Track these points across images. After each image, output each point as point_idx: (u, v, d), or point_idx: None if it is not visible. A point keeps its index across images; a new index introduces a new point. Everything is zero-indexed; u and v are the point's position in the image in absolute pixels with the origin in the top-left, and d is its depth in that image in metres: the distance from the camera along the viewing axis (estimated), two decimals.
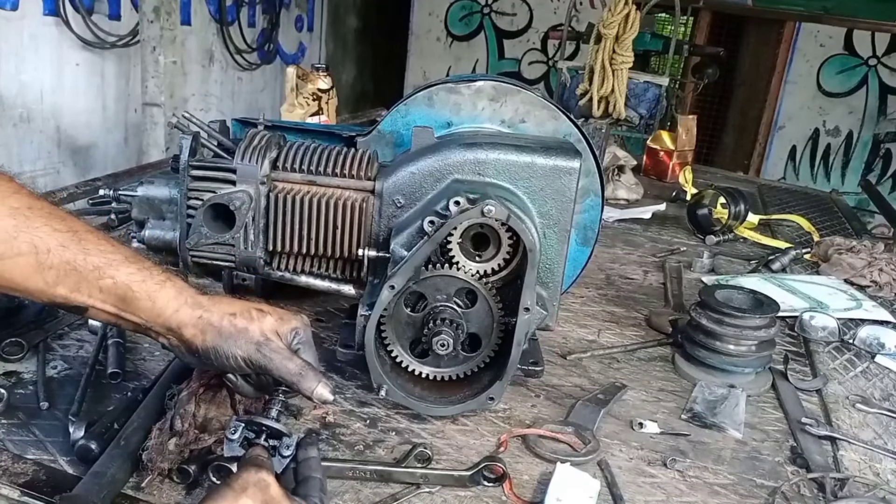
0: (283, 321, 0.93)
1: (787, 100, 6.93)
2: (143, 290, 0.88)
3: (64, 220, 0.88)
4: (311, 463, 0.86)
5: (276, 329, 0.91)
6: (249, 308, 0.92)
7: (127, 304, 0.88)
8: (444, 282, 1.10)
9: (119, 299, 0.88)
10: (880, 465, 1.16)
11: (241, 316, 0.90)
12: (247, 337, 0.89)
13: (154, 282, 0.89)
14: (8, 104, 4.08)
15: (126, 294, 0.88)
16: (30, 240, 0.84)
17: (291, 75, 2.36)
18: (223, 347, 0.88)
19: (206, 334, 0.88)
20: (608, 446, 1.14)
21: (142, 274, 0.89)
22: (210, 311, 0.89)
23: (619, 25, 3.23)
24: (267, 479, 0.76)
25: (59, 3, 4.24)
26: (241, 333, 0.89)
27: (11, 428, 1.02)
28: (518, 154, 1.15)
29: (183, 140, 1.17)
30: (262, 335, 0.89)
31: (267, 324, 0.91)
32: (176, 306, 0.89)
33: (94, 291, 0.87)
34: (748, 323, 1.34)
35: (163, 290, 0.89)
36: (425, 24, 7.78)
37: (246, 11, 6.17)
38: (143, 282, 0.89)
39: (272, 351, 0.89)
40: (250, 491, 0.74)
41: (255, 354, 0.88)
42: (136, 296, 0.88)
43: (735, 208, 2.35)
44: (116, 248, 0.90)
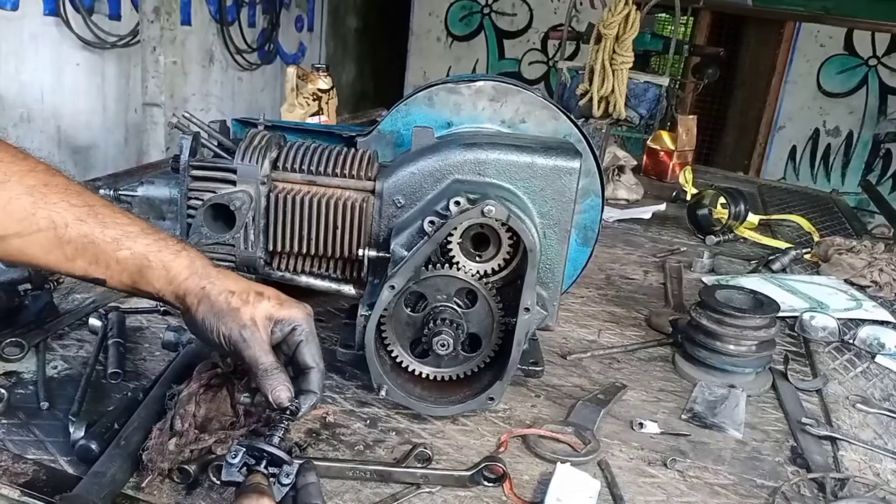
0: (280, 308, 0.93)
1: (787, 100, 6.93)
2: (159, 259, 0.91)
3: (80, 195, 0.90)
4: (311, 489, 0.85)
5: (269, 315, 0.92)
6: (251, 289, 0.93)
7: (143, 274, 0.91)
8: (445, 282, 1.10)
9: (136, 269, 0.91)
10: (880, 465, 1.16)
11: (238, 296, 0.91)
12: (235, 317, 0.90)
13: (169, 251, 0.92)
14: (8, 104, 4.09)
15: (142, 264, 0.90)
16: (48, 216, 0.86)
17: (292, 75, 2.37)
18: (211, 321, 0.90)
19: (201, 304, 0.91)
20: (608, 446, 1.14)
21: (158, 244, 0.91)
22: (213, 284, 0.91)
23: (620, 25, 3.23)
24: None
25: (59, 3, 4.24)
26: (231, 312, 0.90)
27: (11, 428, 1.02)
28: (518, 154, 1.15)
29: (183, 140, 1.17)
30: (250, 320, 0.91)
31: (261, 309, 0.92)
32: (187, 274, 0.91)
33: (112, 263, 0.90)
34: (748, 323, 1.34)
35: (177, 259, 0.92)
36: (425, 24, 7.78)
37: (246, 11, 6.17)
38: (159, 252, 0.91)
39: (252, 338, 0.90)
40: None
41: (235, 336, 0.89)
42: (151, 265, 0.90)
43: (735, 208, 2.35)
44: (133, 221, 0.92)
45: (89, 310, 1.35)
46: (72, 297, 1.40)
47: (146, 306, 1.40)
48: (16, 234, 0.86)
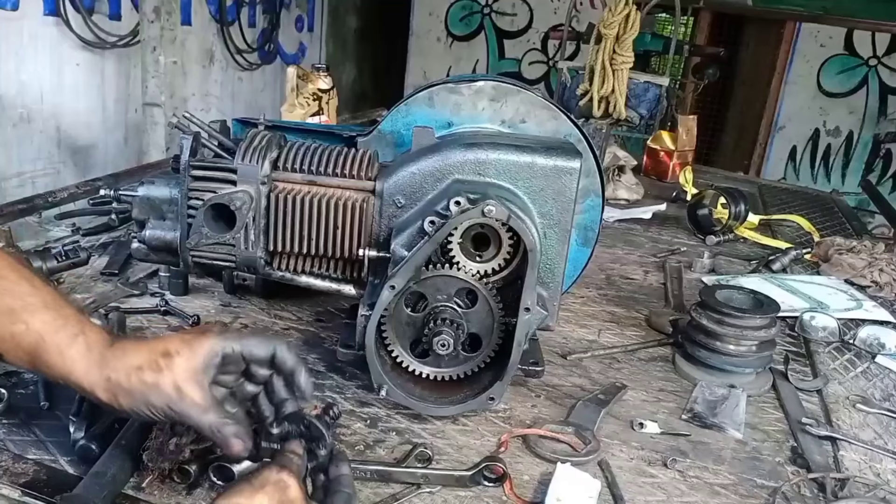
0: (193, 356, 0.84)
1: (787, 100, 6.92)
2: (55, 342, 0.83)
3: None
4: (343, 480, 0.83)
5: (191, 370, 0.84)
6: (156, 356, 0.84)
7: (39, 355, 0.83)
8: (445, 282, 1.10)
9: (31, 347, 0.83)
10: (880, 465, 1.16)
11: (148, 368, 0.83)
12: (157, 393, 0.82)
13: (67, 334, 0.83)
14: (8, 104, 4.08)
15: (38, 344, 0.83)
16: None
17: (292, 75, 2.36)
18: (139, 407, 0.83)
19: (118, 397, 0.83)
20: (608, 446, 1.14)
21: (55, 323, 0.83)
22: (116, 370, 0.83)
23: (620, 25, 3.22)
24: (287, 480, 0.74)
25: (59, 3, 4.24)
26: (151, 390, 0.82)
27: (12, 428, 1.02)
28: (519, 154, 1.15)
29: (183, 140, 1.17)
30: (174, 389, 0.82)
31: (178, 371, 0.83)
32: (85, 366, 0.83)
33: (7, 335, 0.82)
34: (748, 323, 1.34)
35: (73, 345, 0.83)
36: (425, 24, 7.78)
37: (246, 11, 6.17)
38: (55, 332, 0.83)
39: (187, 407, 0.82)
40: (268, 489, 0.72)
41: (168, 412, 0.83)
42: (47, 348, 0.83)
43: (735, 208, 2.35)
44: (35, 291, 0.85)
45: (90, 310, 1.35)
46: (72, 297, 1.40)
47: (146, 306, 1.41)
48: None
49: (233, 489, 0.73)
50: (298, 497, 0.74)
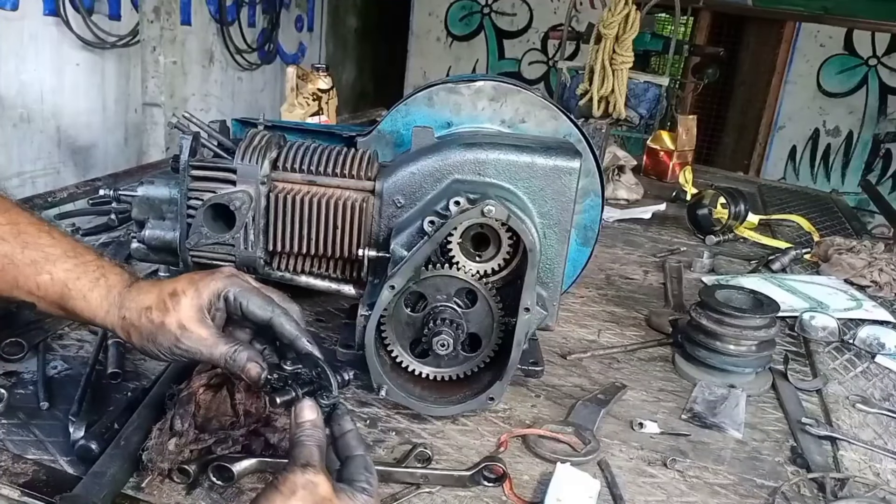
0: (198, 293, 0.87)
1: (787, 100, 6.93)
2: (78, 288, 0.87)
3: (6, 213, 0.86)
4: (350, 439, 0.82)
5: (195, 308, 0.87)
6: (164, 296, 0.87)
7: (66, 303, 0.87)
8: (444, 282, 1.10)
9: (58, 296, 0.87)
10: (880, 465, 1.16)
11: (156, 309, 0.86)
12: (163, 332, 0.86)
13: (88, 279, 0.87)
14: (8, 104, 4.08)
15: (63, 292, 0.86)
16: None
17: (291, 75, 2.36)
18: (148, 346, 0.87)
19: (132, 336, 0.87)
20: (608, 446, 1.14)
21: (77, 270, 0.87)
22: (130, 310, 0.87)
23: (620, 25, 3.23)
24: (315, 479, 0.73)
25: (59, 3, 4.24)
26: (158, 329, 0.86)
27: (11, 428, 1.02)
28: (518, 154, 1.15)
29: (183, 140, 1.17)
30: (178, 327, 0.86)
31: (184, 310, 0.86)
32: (106, 307, 0.87)
33: (34, 287, 0.86)
34: (748, 323, 1.34)
35: (95, 288, 0.87)
36: (425, 24, 7.78)
37: (246, 11, 6.17)
38: (77, 279, 0.87)
39: (193, 343, 0.86)
40: (300, 494, 0.71)
41: (176, 350, 0.86)
42: (71, 294, 0.87)
43: (735, 208, 2.35)
44: (56, 242, 0.88)
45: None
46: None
47: None
48: None
49: (263, 499, 0.72)
50: (329, 492, 0.73)
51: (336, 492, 0.74)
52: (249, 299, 0.89)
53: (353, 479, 0.78)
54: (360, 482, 0.77)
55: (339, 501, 0.73)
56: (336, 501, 0.73)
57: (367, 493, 0.76)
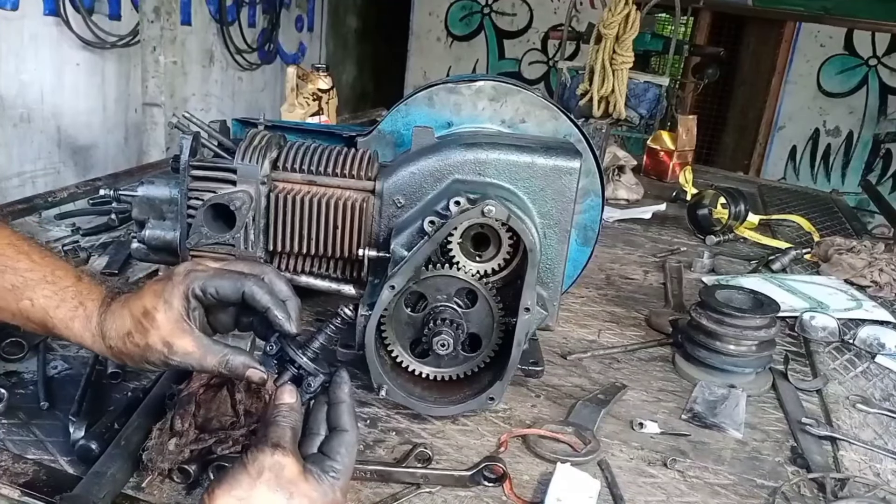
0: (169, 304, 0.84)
1: (787, 100, 6.93)
2: (59, 317, 0.85)
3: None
4: (341, 411, 0.82)
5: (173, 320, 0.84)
6: (137, 317, 0.85)
7: (50, 329, 0.86)
8: (445, 282, 1.10)
9: (41, 321, 0.86)
10: (880, 465, 1.16)
11: (135, 332, 0.84)
12: (151, 352, 0.85)
13: (67, 307, 0.86)
14: (8, 104, 4.08)
15: (45, 318, 0.85)
16: None
17: (292, 75, 2.36)
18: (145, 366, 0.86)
19: (125, 361, 0.87)
20: (608, 446, 1.14)
21: (56, 298, 0.85)
22: (112, 339, 0.86)
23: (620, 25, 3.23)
24: (283, 460, 0.73)
25: (59, 3, 4.24)
26: (146, 351, 0.85)
27: (12, 428, 1.02)
28: (518, 154, 1.15)
29: (183, 140, 1.17)
30: (164, 345, 0.84)
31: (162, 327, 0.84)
32: (90, 338, 0.86)
33: (16, 312, 0.85)
34: (748, 323, 1.34)
35: (76, 318, 0.86)
36: (425, 24, 7.78)
37: (246, 11, 6.17)
38: (57, 307, 0.85)
39: (182, 357, 0.84)
40: (265, 476, 0.72)
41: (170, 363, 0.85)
42: (54, 323, 0.85)
43: (735, 208, 2.35)
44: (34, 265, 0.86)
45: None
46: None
47: None
48: None
49: (229, 479, 0.72)
50: (296, 474, 0.73)
51: (303, 473, 0.74)
52: (217, 285, 0.87)
53: (327, 455, 0.78)
54: (332, 460, 0.77)
55: (304, 484, 0.73)
56: (301, 484, 0.73)
57: (335, 475, 0.76)
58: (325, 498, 0.74)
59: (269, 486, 0.72)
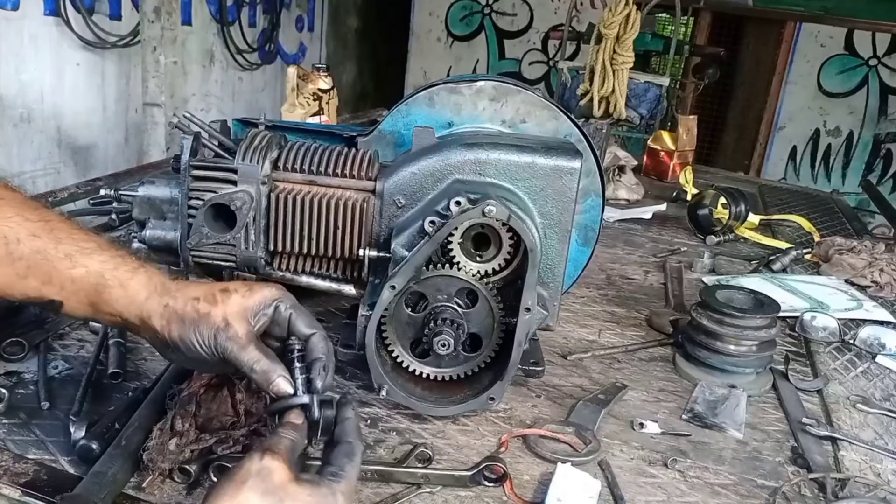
0: (251, 295, 0.86)
1: (787, 100, 6.93)
2: (116, 277, 0.84)
3: (36, 210, 0.85)
4: (347, 426, 0.81)
5: (242, 307, 0.85)
6: (214, 290, 0.86)
7: (100, 294, 0.85)
8: (445, 282, 1.10)
9: (92, 288, 0.84)
10: (881, 465, 1.16)
11: (204, 300, 0.84)
12: (207, 322, 0.83)
13: (127, 269, 0.86)
14: (8, 104, 4.09)
15: (98, 282, 0.84)
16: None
17: (292, 75, 2.36)
18: (186, 336, 0.83)
19: (171, 324, 0.84)
20: (609, 446, 1.14)
21: (114, 261, 0.86)
22: (175, 298, 0.85)
23: (620, 26, 3.23)
24: (271, 465, 0.70)
25: (59, 3, 4.24)
26: (202, 319, 0.83)
27: (12, 428, 1.02)
28: (519, 154, 1.15)
29: (184, 140, 1.17)
30: (223, 320, 0.84)
31: (231, 306, 0.85)
32: (146, 294, 0.85)
33: (67, 282, 0.84)
34: (749, 323, 1.34)
35: (135, 277, 0.85)
36: (426, 24, 7.78)
37: (246, 11, 6.17)
38: (115, 269, 0.85)
39: (229, 339, 0.83)
40: (251, 482, 0.68)
41: (213, 342, 0.83)
42: (108, 283, 0.84)
43: (736, 208, 2.35)
44: (89, 237, 0.87)
45: None
46: None
47: None
48: None
49: (215, 490, 0.69)
50: (285, 480, 0.69)
51: (296, 479, 0.70)
52: (300, 313, 0.89)
53: (328, 464, 0.76)
54: (333, 468, 0.75)
55: (296, 488, 0.69)
56: (292, 489, 0.69)
57: (333, 478, 0.73)
58: (325, 500, 0.70)
59: (255, 491, 0.67)
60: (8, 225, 0.82)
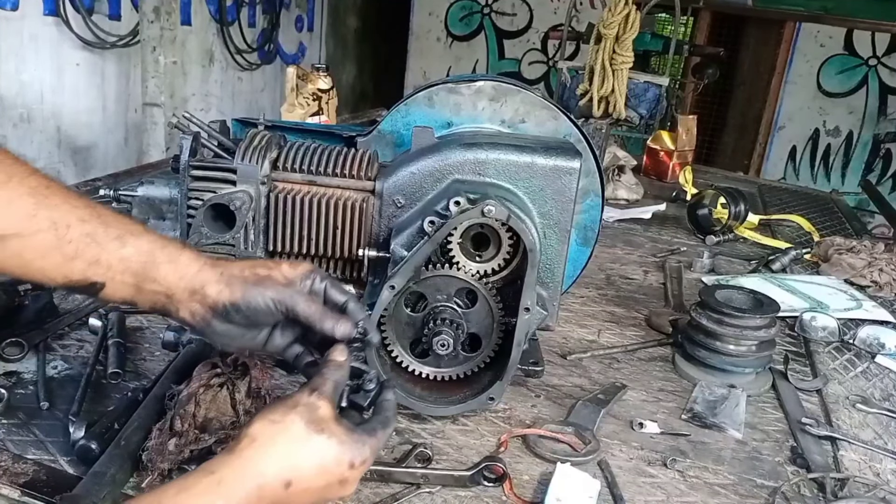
0: (296, 266, 0.94)
1: (787, 100, 6.92)
2: (166, 253, 0.89)
3: (81, 198, 0.89)
4: (386, 405, 0.88)
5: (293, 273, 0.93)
6: (261, 263, 0.94)
7: (147, 272, 0.88)
8: (445, 282, 1.10)
9: (141, 267, 0.88)
10: (880, 465, 1.16)
11: (259, 267, 0.92)
12: (272, 282, 0.90)
13: (175, 246, 0.91)
14: (8, 104, 4.09)
15: (147, 260, 0.88)
16: (49, 216, 0.84)
17: (292, 75, 2.36)
18: (252, 295, 0.89)
19: (232, 286, 0.89)
20: (608, 446, 1.14)
21: (162, 241, 0.90)
22: (229, 268, 0.91)
23: (620, 25, 3.22)
24: (318, 402, 0.78)
25: (59, 3, 4.24)
26: (265, 280, 0.90)
27: (12, 428, 1.02)
28: (518, 154, 1.15)
29: (183, 140, 1.17)
30: (284, 279, 0.91)
31: (284, 269, 0.92)
32: (198, 267, 0.90)
33: (115, 262, 0.87)
34: (748, 323, 1.34)
35: (184, 251, 0.90)
36: (425, 24, 7.78)
37: (246, 11, 6.17)
38: (164, 248, 0.89)
39: (296, 293, 0.90)
40: (299, 409, 0.76)
41: (281, 296, 0.89)
42: (156, 260, 0.88)
43: (735, 208, 2.35)
44: (134, 221, 0.92)
45: (89, 310, 1.35)
46: (72, 297, 1.40)
47: None
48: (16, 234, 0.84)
49: (268, 409, 0.77)
50: (328, 416, 0.77)
51: (336, 420, 0.78)
52: (333, 283, 0.95)
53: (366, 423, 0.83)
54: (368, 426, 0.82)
55: (337, 426, 0.77)
56: (333, 425, 0.77)
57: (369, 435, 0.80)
58: (356, 445, 0.77)
59: (302, 416, 0.76)
60: (57, 212, 0.85)
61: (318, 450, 0.75)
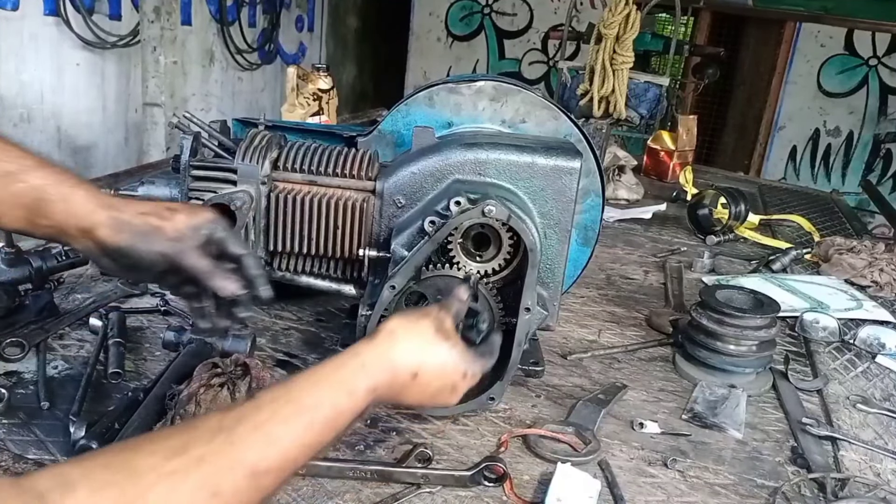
0: (194, 215, 0.96)
1: (787, 100, 6.92)
2: (58, 191, 0.89)
3: None
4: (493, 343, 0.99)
5: (188, 224, 0.94)
6: (160, 207, 0.95)
7: (40, 208, 0.88)
8: (445, 282, 1.10)
9: (32, 202, 0.88)
10: (881, 465, 1.16)
11: (153, 215, 0.93)
12: (161, 234, 0.92)
13: (67, 185, 0.90)
14: (8, 104, 4.09)
15: (40, 197, 0.88)
16: None
17: (292, 75, 2.36)
18: (139, 245, 0.91)
19: (121, 233, 0.90)
20: (609, 446, 1.14)
21: (54, 177, 0.90)
22: (123, 211, 0.91)
23: (620, 25, 3.22)
24: (444, 316, 0.90)
25: (59, 3, 4.24)
26: (155, 231, 0.92)
27: (12, 428, 1.02)
28: (519, 154, 1.15)
29: (184, 140, 1.18)
30: (175, 232, 0.93)
31: (179, 221, 0.94)
32: (91, 207, 0.90)
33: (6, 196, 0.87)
34: (749, 323, 1.34)
35: (77, 190, 0.90)
36: (425, 24, 7.78)
37: (246, 11, 6.17)
38: (57, 184, 0.89)
39: (186, 248, 0.93)
40: (430, 318, 0.88)
41: (170, 250, 0.92)
42: (49, 198, 0.88)
43: (735, 208, 2.35)
44: (27, 155, 0.91)
45: (90, 310, 1.35)
46: (72, 297, 1.40)
47: (146, 306, 1.41)
48: None
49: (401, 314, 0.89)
50: (451, 329, 0.90)
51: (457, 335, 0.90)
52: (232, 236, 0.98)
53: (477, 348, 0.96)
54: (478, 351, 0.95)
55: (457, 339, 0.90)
56: (454, 337, 0.89)
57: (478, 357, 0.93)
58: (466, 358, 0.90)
59: (433, 324, 0.88)
60: None
61: (443, 353, 0.87)
